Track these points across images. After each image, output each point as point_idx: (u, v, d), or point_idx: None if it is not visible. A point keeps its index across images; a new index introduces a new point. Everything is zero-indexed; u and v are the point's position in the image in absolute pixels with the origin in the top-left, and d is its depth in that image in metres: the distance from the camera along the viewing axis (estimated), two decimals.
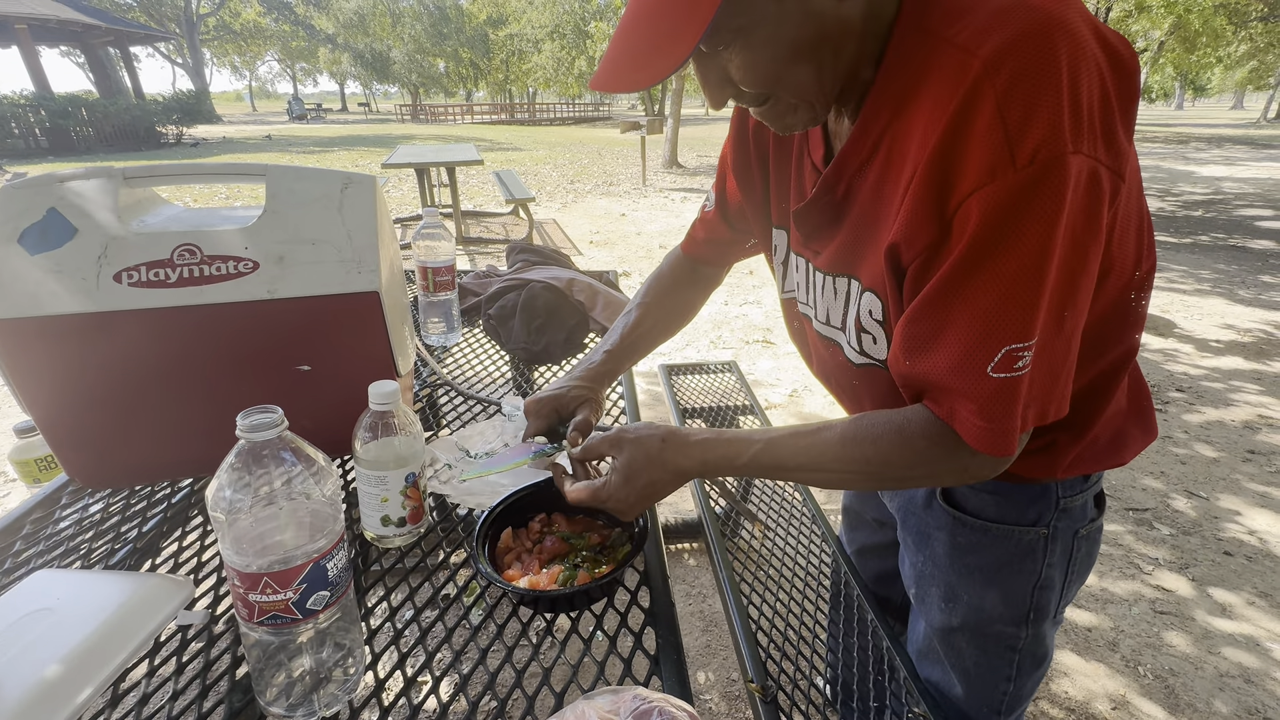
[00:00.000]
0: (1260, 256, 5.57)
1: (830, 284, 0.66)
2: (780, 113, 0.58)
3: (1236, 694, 1.51)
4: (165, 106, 15.91)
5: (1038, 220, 0.45)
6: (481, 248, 5.62)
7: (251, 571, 0.44)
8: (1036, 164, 0.44)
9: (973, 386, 0.50)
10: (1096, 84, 0.45)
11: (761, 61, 0.52)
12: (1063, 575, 0.73)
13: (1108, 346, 0.61)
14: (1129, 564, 1.94)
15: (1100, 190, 0.46)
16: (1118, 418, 0.68)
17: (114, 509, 0.80)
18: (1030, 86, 0.44)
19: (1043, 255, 0.46)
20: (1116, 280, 0.57)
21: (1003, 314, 0.48)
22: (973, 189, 0.46)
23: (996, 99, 0.44)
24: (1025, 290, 0.47)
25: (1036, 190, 0.44)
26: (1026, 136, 0.44)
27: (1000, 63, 0.44)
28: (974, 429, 0.52)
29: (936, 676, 0.83)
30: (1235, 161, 13.00)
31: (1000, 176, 0.45)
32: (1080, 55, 0.45)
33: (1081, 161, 0.45)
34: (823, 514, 1.27)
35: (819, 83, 0.54)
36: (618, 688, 0.49)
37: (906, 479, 0.62)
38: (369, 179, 0.76)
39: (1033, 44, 0.44)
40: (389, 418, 0.65)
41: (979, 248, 0.47)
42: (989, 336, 0.48)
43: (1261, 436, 2.67)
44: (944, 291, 0.50)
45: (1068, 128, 0.44)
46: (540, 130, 23.77)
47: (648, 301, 0.91)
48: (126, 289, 0.69)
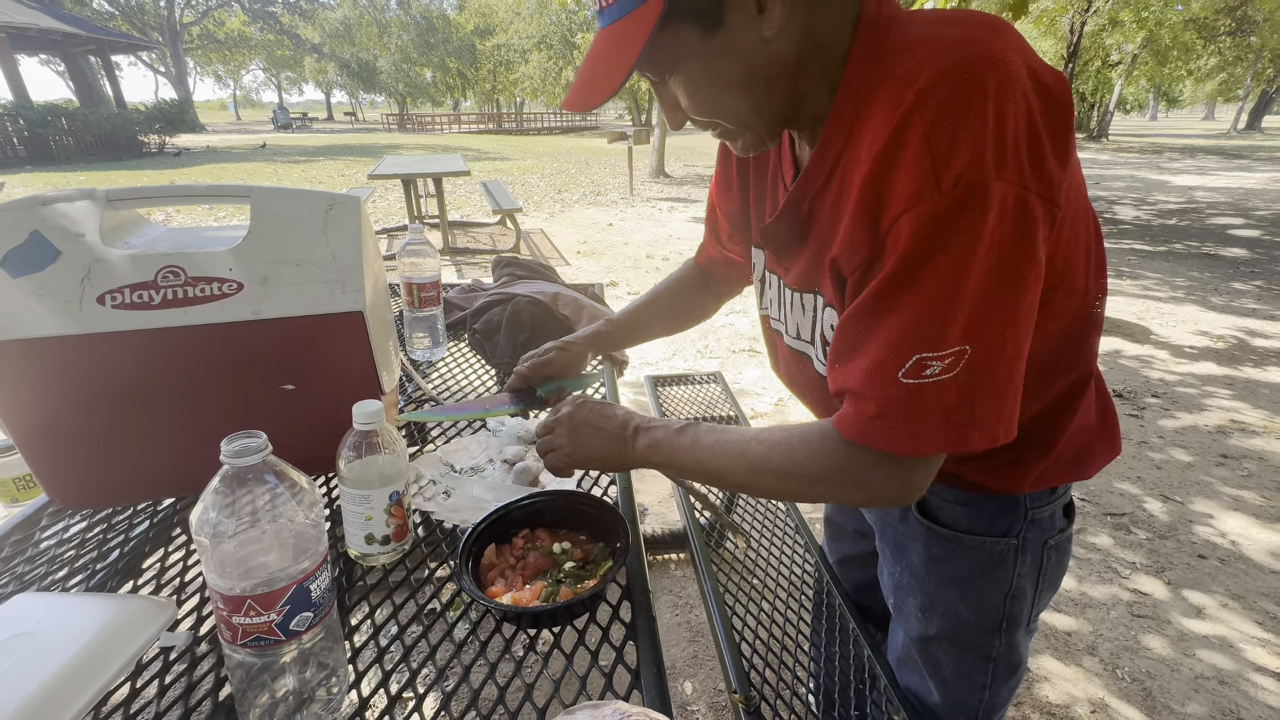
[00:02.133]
0: (1232, 264, 5.72)
1: (799, 300, 0.69)
2: (729, 136, 0.64)
3: (1211, 695, 1.54)
4: (148, 116, 15.75)
5: (959, 241, 0.48)
6: (469, 258, 5.62)
7: (235, 594, 0.45)
8: (960, 188, 0.47)
9: (880, 390, 0.53)
10: (1024, 116, 0.48)
11: (698, 92, 0.59)
12: (1034, 585, 0.75)
13: (1066, 366, 0.64)
14: (1107, 568, 1.98)
15: (1029, 215, 0.49)
16: (1083, 433, 0.70)
17: (95, 530, 0.79)
18: (956, 117, 0.47)
19: (961, 273, 0.49)
20: (1068, 300, 0.59)
21: (919, 325, 0.50)
22: (902, 210, 0.49)
23: (925, 128, 0.48)
24: (943, 305, 0.50)
25: (959, 213, 0.48)
26: (951, 163, 0.47)
27: (930, 94, 0.48)
28: (865, 427, 0.54)
29: (915, 684, 0.85)
30: (1207, 171, 13.34)
31: (926, 199, 0.48)
32: (1008, 88, 0.48)
33: (1005, 188, 0.47)
34: (806, 524, 1.29)
35: (756, 112, 0.59)
36: (598, 702, 0.50)
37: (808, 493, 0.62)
38: (353, 199, 0.77)
39: (961, 77, 0.48)
40: (373, 437, 0.66)
41: (905, 265, 0.50)
42: (902, 345, 0.51)
43: (1234, 441, 2.73)
44: (870, 304, 0.53)
45: (990, 156, 0.47)
46: (527, 140, 23.83)
47: (658, 292, 0.99)
48: (110, 311, 0.69)
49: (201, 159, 14.15)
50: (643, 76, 0.61)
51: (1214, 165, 14.65)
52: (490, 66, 37.18)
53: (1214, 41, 20.75)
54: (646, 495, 2.32)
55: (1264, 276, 5.31)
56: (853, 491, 0.59)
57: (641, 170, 11.57)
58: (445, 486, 0.86)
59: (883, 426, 0.53)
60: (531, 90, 27.88)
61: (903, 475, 0.56)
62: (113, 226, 0.74)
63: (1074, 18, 13.70)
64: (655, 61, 0.57)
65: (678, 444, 0.66)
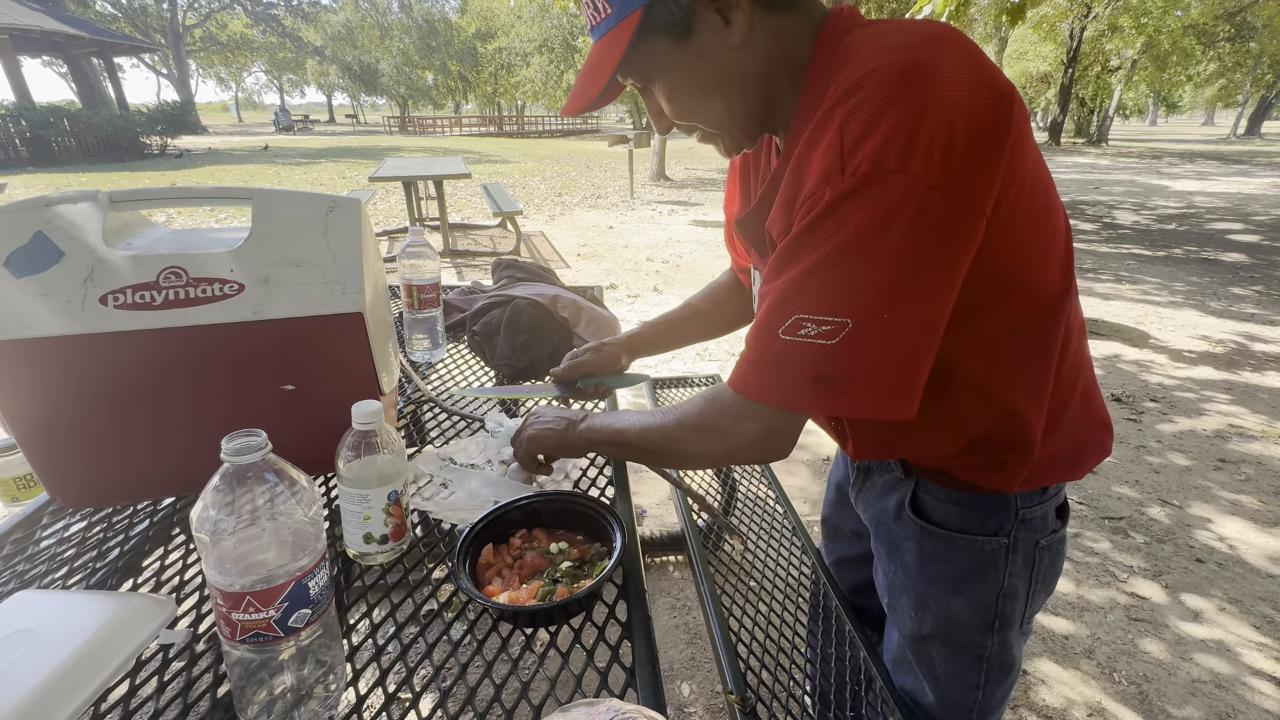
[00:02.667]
0: (1231, 269, 5.73)
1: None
2: (709, 139, 0.69)
3: (1208, 699, 1.54)
4: (150, 117, 15.78)
5: (851, 222, 0.53)
6: (469, 260, 5.63)
7: (234, 591, 0.45)
8: (857, 176, 0.52)
9: (761, 343, 0.59)
10: (943, 121, 0.50)
11: (676, 97, 0.65)
12: (1026, 585, 0.76)
13: (1031, 364, 0.65)
14: (1105, 572, 1.98)
15: (933, 212, 0.51)
16: (1073, 434, 0.71)
17: (95, 529, 0.80)
18: (868, 114, 0.51)
19: (847, 248, 0.53)
20: (1024, 300, 0.61)
21: (801, 288, 0.56)
22: (811, 191, 0.55)
23: (840, 120, 0.53)
24: (825, 273, 0.54)
25: (853, 198, 0.52)
26: (856, 153, 0.52)
27: (851, 93, 0.53)
28: (741, 372, 0.61)
29: (910, 685, 0.85)
30: (1207, 176, 13.37)
31: (831, 182, 0.53)
32: (931, 94, 0.50)
33: (908, 182, 0.50)
34: (803, 526, 1.29)
35: (730, 115, 0.65)
36: (593, 700, 0.51)
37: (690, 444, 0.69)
38: (354, 202, 0.78)
39: (883, 79, 0.51)
40: (372, 437, 0.67)
41: (800, 235, 0.56)
42: (785, 303, 0.57)
43: (1232, 445, 2.74)
44: (774, 266, 0.59)
45: (895, 152, 0.50)
46: (528, 143, 23.89)
47: (694, 299, 1.05)
48: (112, 311, 0.70)
49: (203, 160, 14.19)
50: (631, 85, 0.67)
51: (1213, 170, 14.68)
52: (491, 69, 37.32)
53: (1213, 47, 20.82)
54: (645, 498, 2.33)
55: (1263, 281, 5.32)
56: (725, 438, 0.65)
57: (642, 173, 11.60)
58: (444, 479, 0.86)
59: (754, 373, 0.60)
60: (532, 93, 27.99)
61: (765, 428, 0.62)
62: (115, 228, 0.74)
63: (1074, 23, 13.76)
64: (636, 70, 0.63)
65: (604, 424, 0.77)
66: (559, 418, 0.82)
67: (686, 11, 0.59)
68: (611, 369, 1.00)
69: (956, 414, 0.67)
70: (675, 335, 1.05)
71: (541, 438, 0.82)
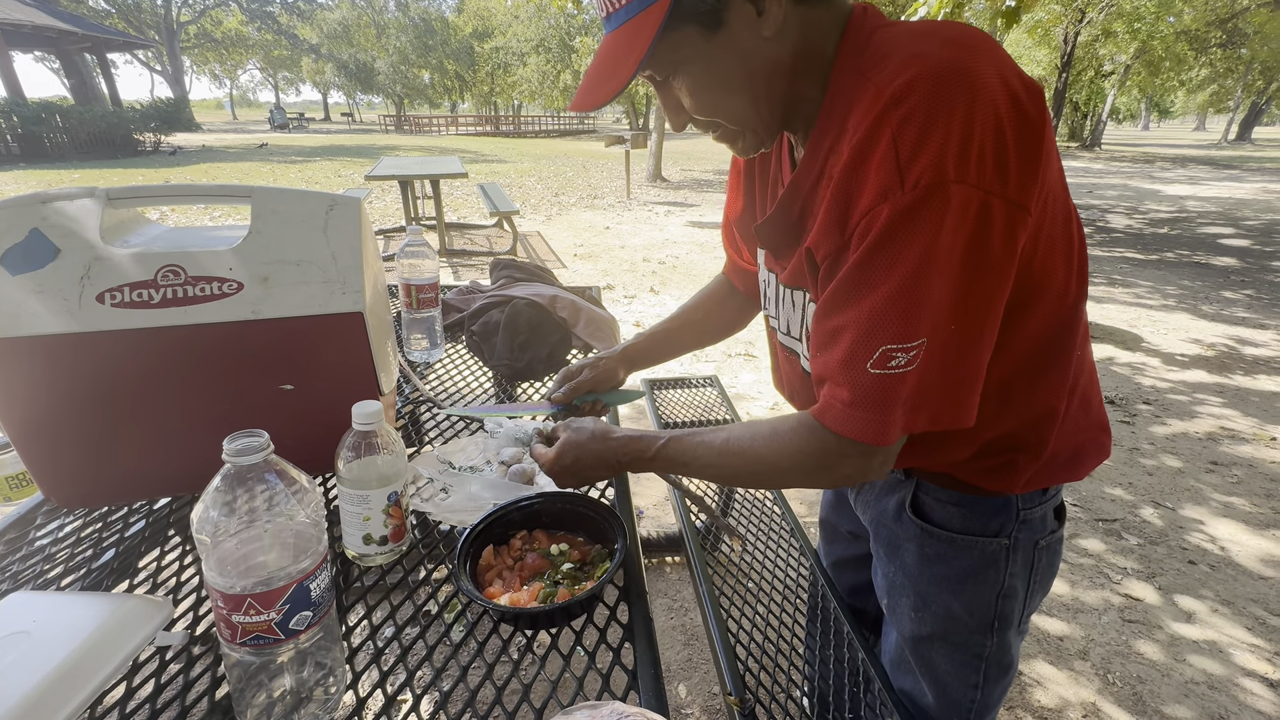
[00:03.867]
0: (1222, 273, 5.78)
1: (789, 296, 0.72)
2: (730, 137, 0.66)
3: (1201, 700, 1.55)
4: (143, 114, 15.67)
5: (919, 237, 0.51)
6: (465, 260, 5.61)
7: (235, 593, 0.45)
8: (919, 189, 0.50)
9: (852, 379, 0.56)
10: (991, 125, 0.50)
11: (700, 91, 0.61)
12: (1025, 585, 0.76)
13: (1052, 368, 0.65)
14: (1099, 574, 1.99)
15: (990, 218, 0.51)
16: (1075, 435, 0.71)
17: (90, 529, 0.79)
18: (922, 122, 0.50)
19: (922, 269, 0.52)
20: (1048, 303, 0.61)
21: (883, 318, 0.54)
22: (869, 207, 0.52)
23: (893, 131, 0.51)
24: (905, 298, 0.53)
25: (918, 211, 0.50)
26: (914, 165, 0.50)
27: (900, 100, 0.51)
28: (840, 414, 0.58)
29: (909, 686, 0.86)
30: (1199, 181, 13.48)
31: (890, 198, 0.51)
32: (977, 98, 0.50)
33: (967, 191, 0.50)
34: (801, 527, 1.29)
35: (755, 111, 0.62)
36: (595, 703, 0.50)
37: (774, 471, 0.67)
38: (354, 201, 0.78)
39: (931, 85, 0.50)
40: (372, 437, 0.66)
41: (869, 257, 0.53)
42: (870, 336, 0.55)
43: (1223, 448, 2.76)
44: (840, 295, 0.57)
45: (952, 160, 0.49)
46: (525, 142, 23.85)
47: (687, 307, 1.03)
48: (109, 309, 0.69)
49: (197, 158, 14.10)
50: (647, 79, 0.63)
51: (1205, 175, 14.80)
52: (488, 69, 37.23)
53: (1205, 53, 21.00)
54: (643, 498, 2.33)
55: (1253, 286, 5.37)
56: (821, 476, 0.64)
57: (639, 174, 11.60)
58: (443, 484, 0.86)
59: (854, 415, 0.57)
60: (529, 93, 27.94)
61: (867, 462, 0.61)
62: (112, 225, 0.74)
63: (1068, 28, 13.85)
64: (660, 61, 0.60)
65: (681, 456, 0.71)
66: (625, 442, 0.74)
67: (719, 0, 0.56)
68: (609, 385, 0.97)
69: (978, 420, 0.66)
70: (670, 346, 1.02)
71: (601, 465, 0.74)
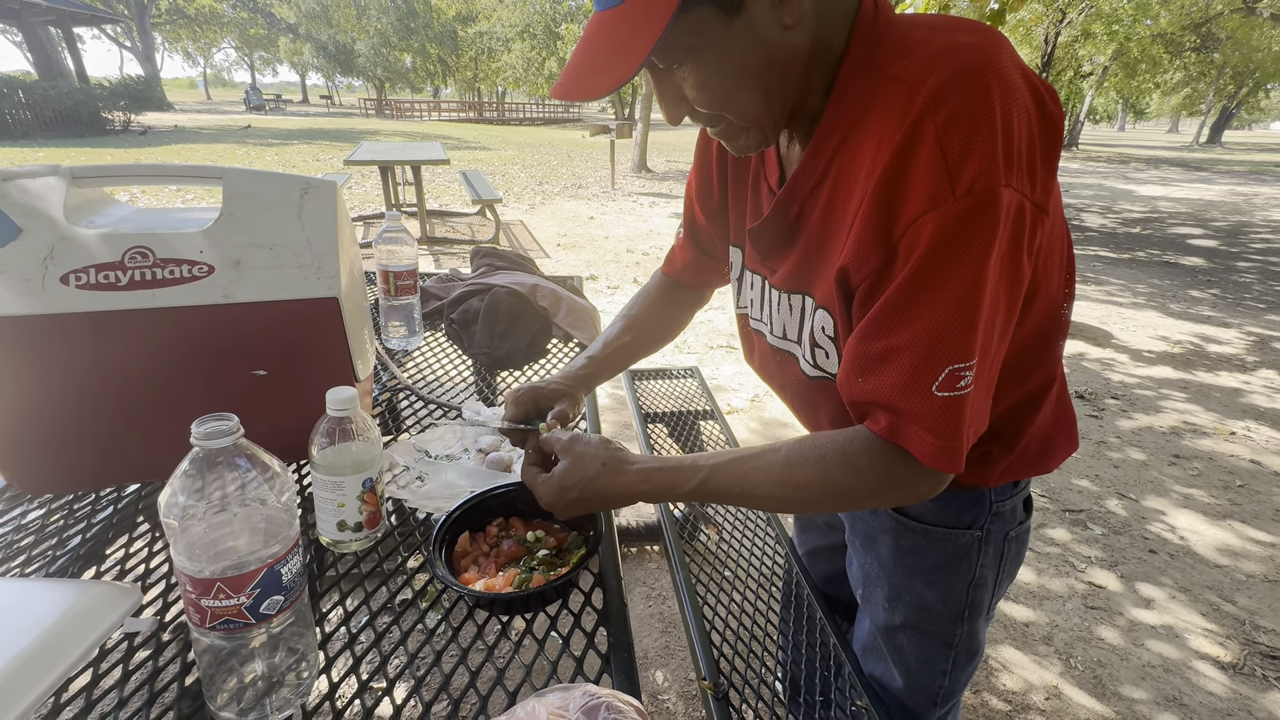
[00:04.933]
0: (1190, 273, 5.94)
1: (786, 300, 0.69)
2: (733, 134, 0.61)
3: (1156, 682, 1.62)
4: (112, 91, 15.13)
5: (975, 246, 0.49)
6: (446, 248, 5.55)
7: (204, 577, 0.44)
8: (974, 194, 0.47)
9: (919, 406, 0.52)
10: (1024, 125, 0.49)
11: (711, 82, 0.55)
12: (994, 574, 0.78)
13: (1037, 365, 0.66)
14: (1064, 563, 2.05)
15: (1024, 222, 0.51)
16: (1046, 429, 0.73)
17: (55, 516, 0.77)
18: (969, 122, 0.47)
19: (979, 279, 0.49)
20: (1043, 304, 0.61)
21: (946, 335, 0.50)
22: (916, 215, 0.49)
23: (937, 133, 0.48)
24: (965, 312, 0.50)
25: (973, 219, 0.48)
26: (965, 168, 0.47)
27: (941, 99, 0.48)
28: (925, 445, 0.53)
29: (879, 671, 0.88)
30: (1170, 182, 13.82)
31: (941, 204, 0.48)
32: (1012, 97, 0.49)
33: (1011, 194, 0.48)
34: (777, 517, 1.31)
35: (766, 107, 0.57)
36: (568, 685, 0.51)
37: (848, 500, 0.63)
38: (329, 184, 0.77)
39: (970, 83, 0.48)
40: (346, 423, 0.66)
41: (923, 271, 0.50)
42: (933, 357, 0.51)
43: (1186, 442, 2.85)
44: (890, 313, 0.52)
45: (1001, 162, 0.47)
46: (509, 130, 23.56)
47: (633, 314, 0.93)
48: (74, 291, 0.67)
49: (169, 139, 13.69)
50: (646, 66, 0.57)
51: (1177, 176, 15.17)
52: (472, 54, 36.64)
53: (1180, 56, 21.47)
54: None
55: (1219, 285, 5.53)
56: (891, 501, 0.61)
57: (623, 164, 11.54)
58: (419, 472, 0.85)
59: (928, 440, 0.53)
60: (514, 80, 27.54)
61: (939, 485, 0.58)
62: (77, 204, 0.72)
63: (1049, 28, 14.05)
64: (669, 48, 0.53)
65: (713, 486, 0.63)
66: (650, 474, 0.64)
67: None
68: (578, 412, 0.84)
69: None
70: (622, 360, 0.92)
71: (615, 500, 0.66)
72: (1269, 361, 3.82)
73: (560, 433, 0.70)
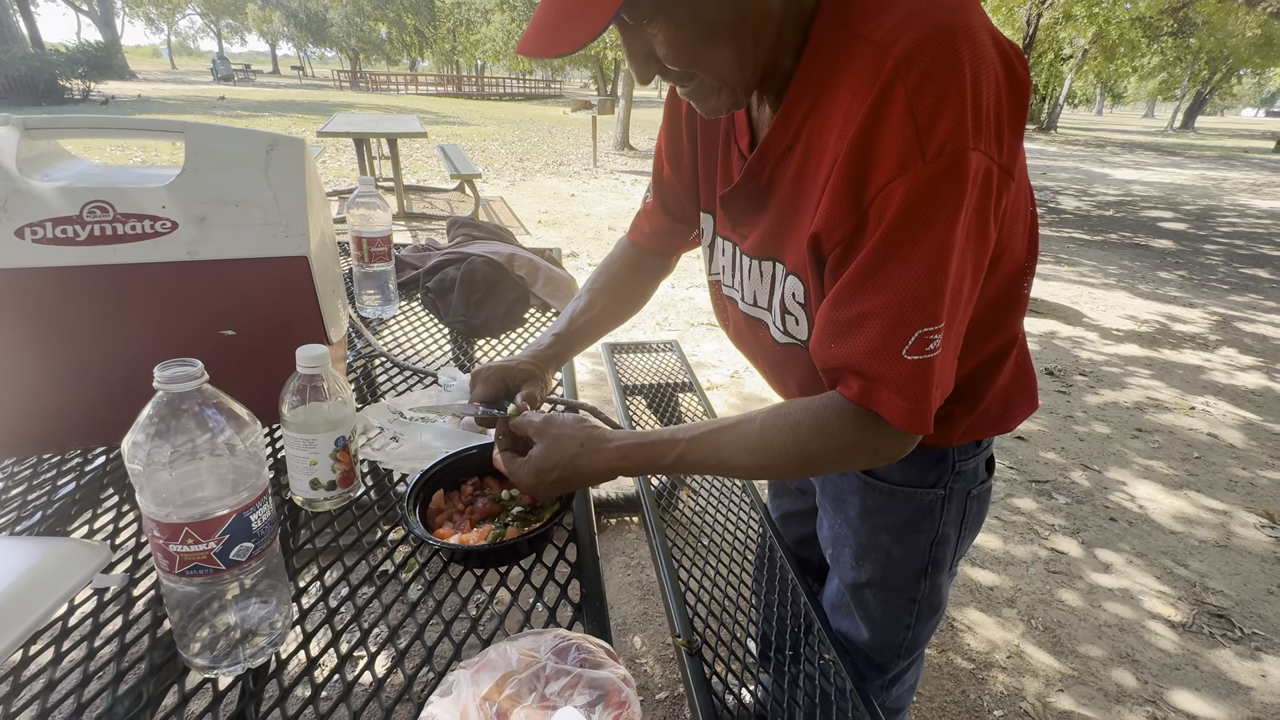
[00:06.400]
0: (1159, 255, 6.08)
1: (757, 267, 0.69)
2: (703, 94, 0.60)
3: (1112, 640, 1.70)
4: (69, 58, 14.48)
5: (944, 210, 0.49)
6: (424, 224, 5.45)
7: (172, 522, 0.44)
8: (943, 157, 0.47)
9: (889, 370, 0.53)
10: (993, 88, 0.49)
11: (683, 39, 0.54)
12: (957, 531, 0.81)
13: (999, 329, 0.67)
14: (1029, 530, 2.13)
15: (991, 186, 0.51)
16: (1006, 389, 0.75)
17: (20, 478, 0.76)
18: (939, 85, 0.47)
19: (948, 243, 0.49)
20: (1006, 268, 0.62)
21: (915, 299, 0.51)
22: (887, 180, 0.49)
23: (908, 96, 0.47)
24: (934, 276, 0.50)
25: (943, 182, 0.48)
26: (935, 132, 0.47)
27: (911, 62, 0.48)
28: (896, 408, 0.54)
29: (846, 626, 0.91)
30: (1144, 166, 14.06)
31: (911, 168, 0.48)
32: (981, 60, 0.49)
33: (979, 158, 0.49)
34: (753, 484, 1.34)
35: (739, 66, 0.56)
36: (540, 630, 0.52)
37: (822, 464, 0.64)
38: (297, 141, 0.75)
39: (941, 45, 0.48)
40: (318, 381, 0.65)
41: (893, 236, 0.50)
42: (903, 321, 0.51)
43: (1149, 416, 2.95)
44: (860, 279, 0.53)
45: (970, 125, 0.47)
46: (488, 105, 23.05)
47: (597, 288, 0.91)
48: (30, 245, 0.65)
49: (132, 109, 13.15)
50: (615, 22, 0.53)
51: (1151, 161, 15.43)
52: (450, 25, 35.57)
53: (1157, 41, 21.69)
54: None
55: (1186, 267, 5.68)
56: (864, 463, 0.62)
57: (605, 141, 11.39)
58: (394, 432, 0.85)
59: (899, 403, 0.54)
60: (493, 53, 26.84)
61: (908, 446, 0.59)
62: (31, 157, 0.69)
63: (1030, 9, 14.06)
64: (638, 2, 0.51)
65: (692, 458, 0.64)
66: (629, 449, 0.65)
67: None
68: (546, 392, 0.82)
69: None
70: (588, 336, 0.89)
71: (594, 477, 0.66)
72: (1230, 340, 3.95)
73: (532, 415, 0.69)
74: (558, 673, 0.46)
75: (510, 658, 0.48)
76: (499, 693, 0.45)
